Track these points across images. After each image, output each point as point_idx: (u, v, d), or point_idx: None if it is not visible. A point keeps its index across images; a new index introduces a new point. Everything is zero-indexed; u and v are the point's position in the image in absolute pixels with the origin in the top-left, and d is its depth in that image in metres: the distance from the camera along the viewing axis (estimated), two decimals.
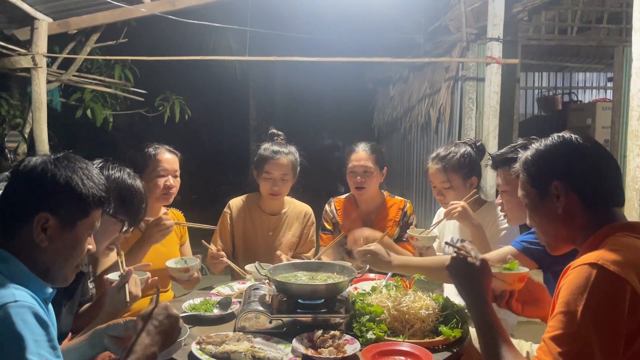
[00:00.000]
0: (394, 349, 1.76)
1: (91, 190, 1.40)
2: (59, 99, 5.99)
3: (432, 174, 2.75)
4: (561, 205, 1.47)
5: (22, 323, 1.17)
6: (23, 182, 1.37)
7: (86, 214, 1.40)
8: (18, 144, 5.06)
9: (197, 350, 1.73)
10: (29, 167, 1.38)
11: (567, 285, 1.30)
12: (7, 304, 1.17)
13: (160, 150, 2.69)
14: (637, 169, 3.34)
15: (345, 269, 2.21)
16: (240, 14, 5.48)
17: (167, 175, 2.65)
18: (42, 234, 1.33)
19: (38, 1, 4.60)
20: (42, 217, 1.33)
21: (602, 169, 1.49)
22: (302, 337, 1.83)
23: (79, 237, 1.40)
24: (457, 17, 5.74)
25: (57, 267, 1.39)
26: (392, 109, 8.37)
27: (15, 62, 4.81)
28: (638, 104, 3.33)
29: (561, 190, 1.46)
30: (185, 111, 6.96)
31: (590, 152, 1.50)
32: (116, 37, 5.70)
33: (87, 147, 7.09)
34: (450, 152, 2.71)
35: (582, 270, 1.29)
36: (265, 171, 2.91)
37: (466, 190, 2.68)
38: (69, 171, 1.38)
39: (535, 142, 1.59)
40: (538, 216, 1.55)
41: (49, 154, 1.43)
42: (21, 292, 1.23)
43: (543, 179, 1.50)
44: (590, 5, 5.75)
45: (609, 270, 1.26)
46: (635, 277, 1.26)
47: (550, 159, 1.51)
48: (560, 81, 10.25)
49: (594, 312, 1.24)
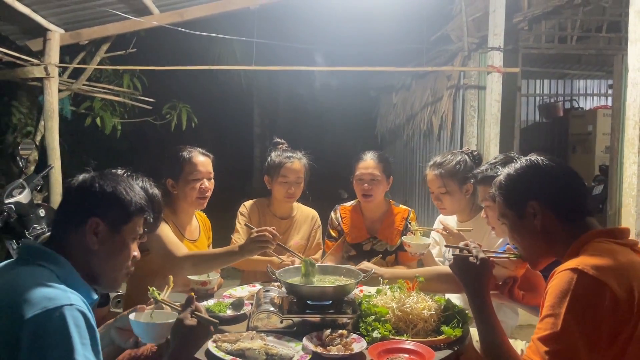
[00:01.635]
0: (398, 347, 1.87)
1: (133, 199, 1.54)
2: (69, 107, 6.11)
3: (430, 180, 2.88)
4: (539, 223, 1.59)
5: (75, 326, 1.27)
6: (75, 194, 1.53)
7: (129, 220, 1.54)
8: (30, 152, 5.18)
9: (214, 348, 1.84)
10: (78, 181, 1.54)
11: (551, 290, 1.42)
12: (64, 306, 1.28)
13: (194, 153, 2.70)
14: (634, 176, 3.44)
15: (352, 272, 2.32)
16: (246, 24, 5.60)
17: (203, 178, 2.67)
18: (94, 238, 1.47)
19: (51, 13, 4.73)
20: (93, 222, 1.48)
21: (571, 184, 1.62)
22: (311, 335, 1.93)
23: (125, 241, 1.54)
24: (458, 27, 5.86)
25: (109, 270, 1.53)
26: (395, 116, 8.47)
27: (28, 72, 4.93)
28: (634, 113, 3.44)
29: (537, 208, 1.59)
30: (191, 119, 7.07)
31: (557, 171, 1.63)
32: (125, 47, 5.82)
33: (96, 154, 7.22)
34: (447, 159, 2.84)
35: (564, 275, 1.40)
36: (282, 175, 3.03)
37: (462, 196, 2.81)
38: (113, 182, 1.53)
39: (506, 165, 1.74)
40: (519, 235, 1.67)
41: (92, 171, 1.59)
42: (75, 297, 1.34)
43: (519, 200, 1.63)
44: (590, 15, 5.86)
45: (588, 275, 1.37)
46: (613, 280, 1.36)
47: (523, 181, 1.64)
48: (562, 88, 10.35)
49: (576, 314, 1.35)
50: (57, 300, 1.28)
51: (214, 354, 1.81)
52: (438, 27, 6.25)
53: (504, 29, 5.21)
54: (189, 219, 2.73)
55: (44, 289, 1.31)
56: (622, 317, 1.35)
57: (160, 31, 5.18)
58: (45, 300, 1.27)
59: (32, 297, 1.28)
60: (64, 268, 1.43)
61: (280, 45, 5.60)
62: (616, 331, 1.35)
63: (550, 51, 5.95)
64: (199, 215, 2.90)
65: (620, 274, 1.38)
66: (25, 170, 4.72)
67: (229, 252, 2.39)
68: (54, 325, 1.25)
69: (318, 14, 6.44)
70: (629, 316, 1.35)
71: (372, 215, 3.22)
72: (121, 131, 6.72)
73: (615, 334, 1.35)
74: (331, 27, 6.74)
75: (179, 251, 2.43)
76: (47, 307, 1.26)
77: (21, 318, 1.24)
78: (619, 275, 1.38)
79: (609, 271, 1.38)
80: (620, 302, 1.35)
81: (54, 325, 1.25)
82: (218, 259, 2.41)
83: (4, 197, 3.57)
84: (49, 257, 1.43)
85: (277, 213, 3.14)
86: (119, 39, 5.60)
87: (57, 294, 1.31)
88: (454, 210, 2.87)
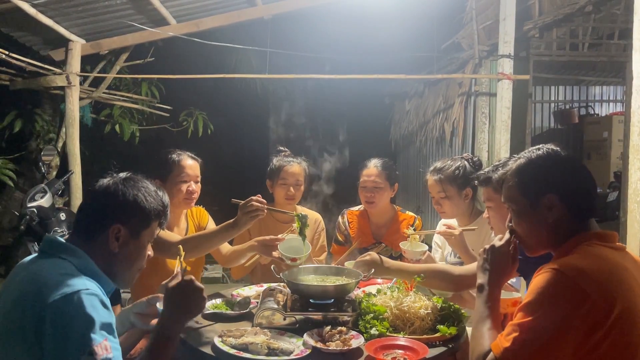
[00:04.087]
0: (394, 343, 1.95)
1: (152, 205, 1.68)
2: (89, 115, 6.31)
3: (430, 185, 2.97)
4: (552, 217, 1.59)
5: (92, 308, 1.41)
6: (99, 199, 1.66)
7: (148, 225, 1.68)
8: (52, 158, 5.37)
9: (220, 342, 1.94)
10: (103, 186, 1.66)
11: (532, 286, 1.50)
12: (81, 290, 1.43)
13: (183, 156, 2.83)
14: (639, 182, 3.48)
15: (352, 273, 2.41)
16: (260, 33, 5.73)
17: (190, 180, 2.79)
18: (115, 242, 1.61)
19: (72, 24, 4.92)
20: (115, 228, 1.61)
21: (588, 183, 1.62)
22: (312, 332, 2.03)
23: (143, 245, 1.68)
24: (469, 34, 5.94)
25: (124, 270, 1.66)
26: (408, 122, 8.54)
27: (50, 81, 5.14)
28: (639, 120, 3.48)
29: (555, 202, 1.58)
30: (208, 126, 7.23)
31: (578, 167, 1.63)
32: (143, 57, 6.01)
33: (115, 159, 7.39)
34: (446, 165, 2.93)
35: (546, 274, 1.48)
36: (281, 178, 3.15)
37: (461, 201, 2.88)
38: (135, 190, 1.66)
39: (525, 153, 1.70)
40: (525, 222, 1.66)
41: (115, 175, 1.70)
42: (91, 284, 1.49)
43: (537, 190, 1.60)
44: (602, 22, 5.88)
45: (568, 277, 1.43)
46: (594, 287, 1.42)
47: (544, 172, 1.62)
48: (577, 94, 10.29)
49: (547, 312, 1.43)
50: (75, 286, 1.43)
51: (219, 348, 1.92)
52: (449, 35, 6.33)
53: (515, 36, 5.26)
54: (176, 219, 2.84)
55: (63, 278, 1.46)
56: (596, 322, 1.40)
57: (177, 41, 5.35)
58: (65, 287, 1.42)
59: (53, 284, 1.43)
60: (83, 260, 1.56)
61: (294, 54, 5.72)
62: (587, 334, 1.41)
63: (561, 58, 5.98)
64: (199, 210, 3.00)
65: (602, 281, 1.43)
66: (47, 176, 4.89)
67: (225, 227, 2.45)
68: (73, 307, 1.39)
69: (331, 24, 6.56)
70: (603, 322, 1.40)
71: (378, 220, 3.30)
72: (139, 138, 6.90)
73: (585, 336, 1.41)
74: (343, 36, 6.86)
75: (173, 238, 2.53)
76: (66, 293, 1.41)
77: (44, 303, 1.39)
78: (601, 282, 1.43)
79: (591, 277, 1.43)
80: (596, 308, 1.40)
81: (72, 308, 1.39)
82: (216, 236, 2.50)
83: (27, 201, 3.74)
84: (69, 250, 1.57)
85: (279, 217, 3.23)
86: (138, 49, 5.79)
87: (75, 281, 1.45)
88: (453, 215, 2.95)
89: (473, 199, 2.92)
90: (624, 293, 1.44)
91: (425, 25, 6.34)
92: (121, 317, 1.91)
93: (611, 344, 1.40)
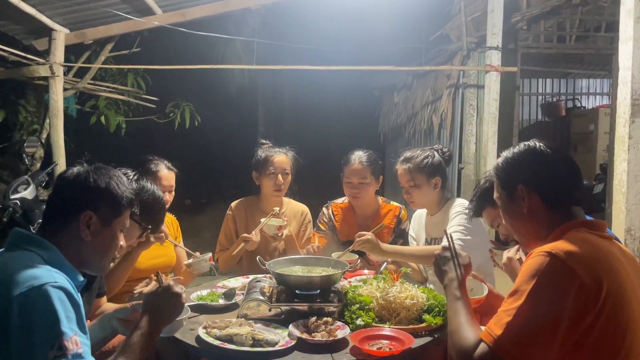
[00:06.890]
0: (379, 333, 1.95)
1: (124, 193, 1.64)
2: (74, 106, 6.22)
3: (400, 175, 2.97)
4: (526, 206, 1.66)
5: (59, 301, 1.37)
6: (69, 187, 1.61)
7: (120, 213, 1.64)
8: (36, 149, 5.29)
9: (204, 334, 1.93)
10: (74, 174, 1.62)
11: (523, 269, 1.49)
12: (47, 283, 1.38)
13: (160, 167, 2.85)
14: (624, 173, 3.49)
15: (338, 264, 2.40)
16: (248, 24, 5.69)
17: (165, 191, 2.76)
18: (87, 230, 1.57)
19: (56, 13, 4.83)
20: (87, 215, 1.57)
21: (562, 172, 1.67)
22: (298, 323, 2.02)
23: (114, 233, 1.64)
24: (457, 26, 5.94)
25: (98, 258, 1.63)
26: (396, 115, 8.54)
27: (33, 71, 5.05)
28: (624, 111, 3.48)
29: (525, 192, 1.66)
30: (195, 118, 7.16)
31: (551, 158, 1.69)
32: (129, 47, 5.93)
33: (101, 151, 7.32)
34: (415, 154, 2.94)
35: (537, 257, 1.48)
36: (269, 168, 3.13)
37: (430, 190, 2.90)
38: (106, 177, 1.62)
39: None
40: (508, 215, 1.76)
41: (86, 164, 1.67)
42: (59, 276, 1.44)
43: (510, 182, 1.71)
44: (589, 15, 5.91)
45: (559, 259, 1.44)
46: (582, 267, 1.42)
47: (516, 165, 1.72)
48: (564, 87, 10.37)
49: (539, 294, 1.42)
50: (42, 279, 1.39)
51: (203, 340, 1.90)
52: (437, 27, 6.33)
53: (503, 28, 5.26)
54: None
55: (30, 270, 1.41)
56: (587, 303, 1.41)
57: (163, 31, 5.28)
58: (31, 279, 1.38)
59: (19, 277, 1.39)
60: (51, 252, 1.52)
61: (282, 45, 5.69)
62: (579, 317, 1.41)
63: (549, 51, 6.00)
64: (168, 217, 2.97)
65: (591, 263, 1.45)
66: (30, 167, 4.82)
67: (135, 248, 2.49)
68: (39, 300, 1.35)
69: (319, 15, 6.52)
70: (594, 304, 1.41)
71: (364, 212, 3.28)
72: (126, 129, 6.83)
73: (578, 319, 1.41)
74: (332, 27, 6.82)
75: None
76: (32, 285, 1.36)
77: (9, 296, 1.35)
78: (590, 265, 1.44)
79: (580, 259, 1.44)
80: (586, 289, 1.40)
81: (39, 301, 1.35)
82: (130, 255, 2.48)
83: (10, 193, 3.67)
84: (37, 242, 1.53)
85: (266, 209, 3.19)
86: (123, 39, 5.70)
87: (42, 273, 1.41)
88: (422, 204, 2.98)
89: (442, 187, 2.94)
90: (610, 275, 1.46)
91: (414, 16, 6.33)
92: (102, 321, 1.87)
93: (602, 328, 1.41)
